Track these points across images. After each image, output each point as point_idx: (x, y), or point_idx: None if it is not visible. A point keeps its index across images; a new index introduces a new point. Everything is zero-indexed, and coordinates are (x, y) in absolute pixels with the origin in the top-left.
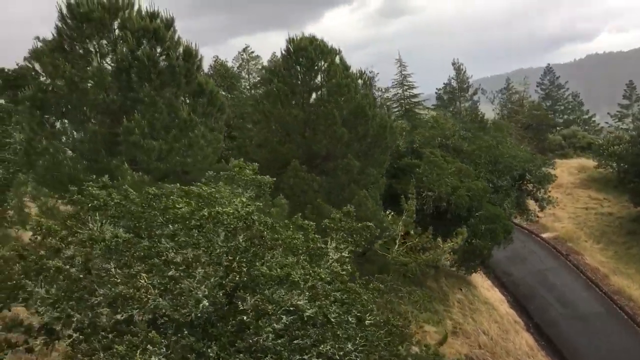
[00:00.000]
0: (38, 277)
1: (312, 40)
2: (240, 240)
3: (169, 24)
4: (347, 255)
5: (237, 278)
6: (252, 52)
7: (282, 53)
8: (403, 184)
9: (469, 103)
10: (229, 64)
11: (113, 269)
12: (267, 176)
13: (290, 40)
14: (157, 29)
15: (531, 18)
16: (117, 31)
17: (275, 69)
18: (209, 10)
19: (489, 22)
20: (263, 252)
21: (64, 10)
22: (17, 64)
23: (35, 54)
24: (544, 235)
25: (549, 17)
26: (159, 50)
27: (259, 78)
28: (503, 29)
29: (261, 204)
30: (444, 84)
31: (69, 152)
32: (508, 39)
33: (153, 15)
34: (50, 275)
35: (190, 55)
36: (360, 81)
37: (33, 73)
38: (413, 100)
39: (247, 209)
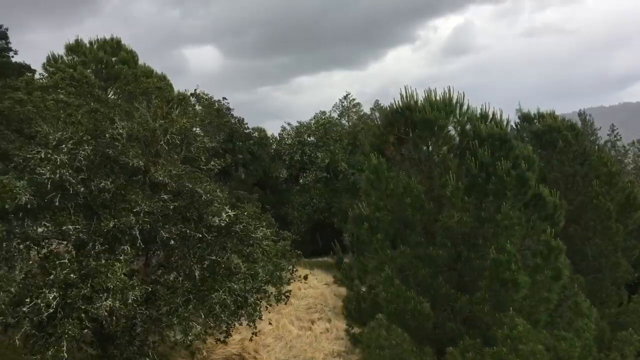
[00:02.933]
0: None
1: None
2: None
3: (504, 127)
4: None
5: None
6: (353, 99)
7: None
8: None
9: None
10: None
11: None
12: None
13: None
14: (504, 136)
15: (599, 56)
16: (455, 136)
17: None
18: (274, 50)
19: (554, 60)
20: None
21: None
22: None
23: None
24: None
25: (617, 55)
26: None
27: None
28: (569, 67)
29: None
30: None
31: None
32: (574, 76)
33: (493, 119)
34: None
35: (533, 162)
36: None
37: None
38: None
39: None
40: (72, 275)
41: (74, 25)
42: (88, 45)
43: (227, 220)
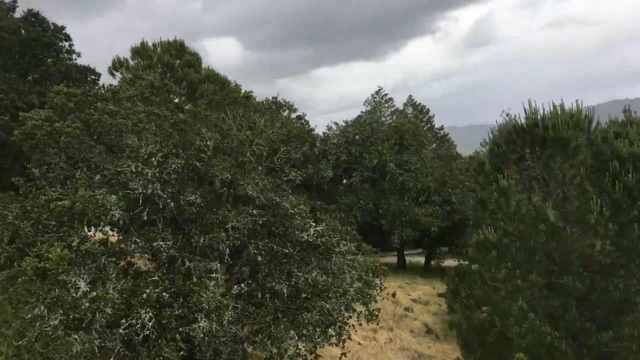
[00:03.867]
0: None
1: None
2: None
3: None
4: None
5: None
6: (386, 94)
7: None
8: None
9: None
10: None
11: None
12: None
13: None
14: None
15: (624, 47)
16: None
17: None
18: (294, 42)
19: (578, 52)
20: None
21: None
22: None
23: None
24: None
25: None
26: None
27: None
28: (593, 59)
29: None
30: None
31: None
32: (599, 69)
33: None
34: None
35: None
36: None
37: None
38: None
39: None
40: (164, 294)
41: (96, 17)
42: (152, 47)
43: (315, 235)
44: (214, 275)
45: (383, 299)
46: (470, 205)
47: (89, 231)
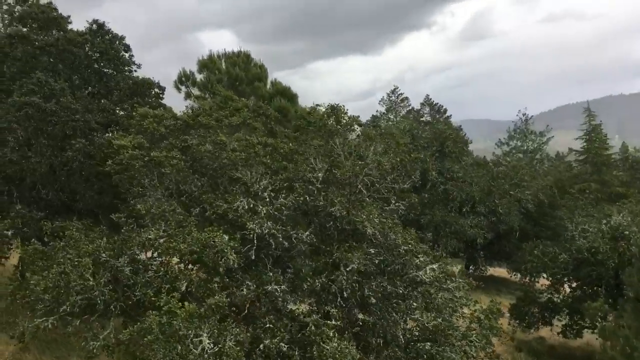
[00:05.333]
0: None
1: None
2: None
3: None
4: None
5: None
6: (401, 93)
7: None
8: None
9: None
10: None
11: None
12: None
13: None
14: None
15: (622, 42)
16: None
17: None
18: (290, 35)
19: (575, 46)
20: None
21: None
22: None
23: None
24: None
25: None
26: None
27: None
28: (591, 53)
29: None
30: None
31: None
32: (596, 63)
33: None
34: None
35: None
36: None
37: None
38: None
39: None
40: (282, 344)
41: (93, 7)
42: (217, 58)
43: (432, 275)
44: (332, 322)
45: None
46: (514, 214)
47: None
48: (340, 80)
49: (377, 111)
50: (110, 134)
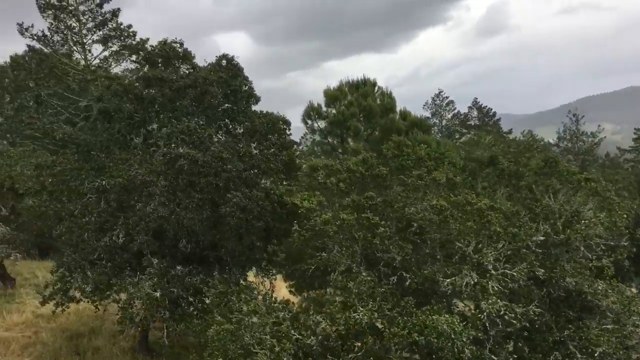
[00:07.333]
0: None
1: None
2: None
3: None
4: None
5: None
6: (447, 97)
7: None
8: None
9: None
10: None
11: None
12: None
13: None
14: None
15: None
16: None
17: None
18: (303, 35)
19: (592, 38)
20: None
21: None
22: None
23: None
24: None
25: None
26: None
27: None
28: (608, 45)
29: None
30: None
31: None
32: (614, 55)
33: None
34: None
35: None
36: None
37: None
38: None
39: None
40: None
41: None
42: (345, 87)
43: None
44: None
45: None
46: None
47: None
48: (355, 79)
49: (421, 115)
50: (265, 182)
